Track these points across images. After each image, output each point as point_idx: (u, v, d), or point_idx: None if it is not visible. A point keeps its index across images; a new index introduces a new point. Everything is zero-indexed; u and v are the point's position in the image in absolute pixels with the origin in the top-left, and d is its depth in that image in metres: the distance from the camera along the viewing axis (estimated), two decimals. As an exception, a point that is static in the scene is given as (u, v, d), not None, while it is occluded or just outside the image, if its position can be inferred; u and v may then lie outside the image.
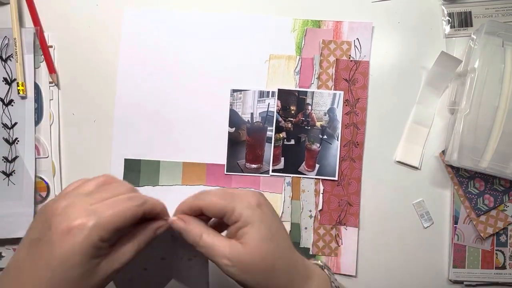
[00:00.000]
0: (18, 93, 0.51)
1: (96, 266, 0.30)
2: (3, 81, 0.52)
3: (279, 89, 0.53)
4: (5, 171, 0.51)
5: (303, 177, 0.53)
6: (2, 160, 0.51)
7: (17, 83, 0.51)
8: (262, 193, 0.39)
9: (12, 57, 0.52)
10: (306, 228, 0.52)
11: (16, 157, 0.51)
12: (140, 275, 0.41)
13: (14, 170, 0.51)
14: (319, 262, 0.41)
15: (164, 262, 0.41)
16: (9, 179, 0.51)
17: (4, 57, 0.52)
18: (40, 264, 0.29)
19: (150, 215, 0.34)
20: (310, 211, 0.52)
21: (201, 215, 0.36)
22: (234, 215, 0.35)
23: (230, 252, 0.34)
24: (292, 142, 0.53)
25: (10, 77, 0.52)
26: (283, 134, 0.53)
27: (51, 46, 0.53)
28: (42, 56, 0.52)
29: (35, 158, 0.51)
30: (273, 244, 0.35)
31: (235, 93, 0.53)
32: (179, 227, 0.35)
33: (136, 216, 0.32)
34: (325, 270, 0.39)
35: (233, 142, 0.53)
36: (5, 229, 0.50)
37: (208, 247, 0.35)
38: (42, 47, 0.52)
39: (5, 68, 0.52)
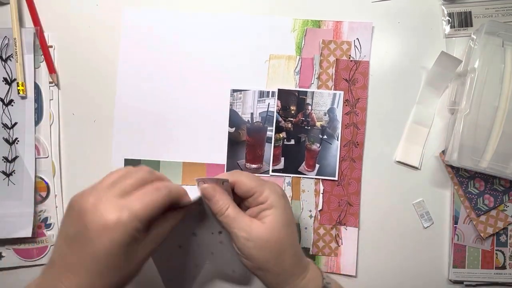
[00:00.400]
0: (18, 93, 0.51)
1: (135, 251, 0.34)
2: (3, 81, 0.52)
3: (279, 89, 0.53)
4: (5, 171, 0.51)
5: (303, 177, 0.53)
6: (2, 160, 0.51)
7: (17, 83, 0.51)
8: (280, 186, 0.43)
9: (12, 57, 0.52)
10: (306, 228, 0.52)
11: (16, 157, 0.51)
12: (177, 253, 0.45)
13: (14, 170, 0.51)
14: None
15: (196, 238, 0.45)
16: (9, 179, 0.51)
17: (4, 57, 0.52)
18: (85, 258, 0.32)
19: (175, 200, 0.37)
20: (310, 211, 0.52)
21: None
22: (262, 197, 0.40)
23: (251, 227, 0.38)
24: (292, 142, 0.53)
25: (10, 77, 0.52)
26: (283, 134, 0.53)
27: (51, 46, 0.53)
28: (42, 56, 0.52)
29: (35, 158, 0.51)
30: (288, 230, 0.40)
31: (235, 93, 0.53)
32: (209, 194, 0.40)
33: (164, 205, 0.35)
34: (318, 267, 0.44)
35: (233, 142, 0.53)
36: (5, 229, 0.50)
37: (232, 218, 0.39)
38: (42, 47, 0.52)
39: (5, 68, 0.52)
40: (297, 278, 0.40)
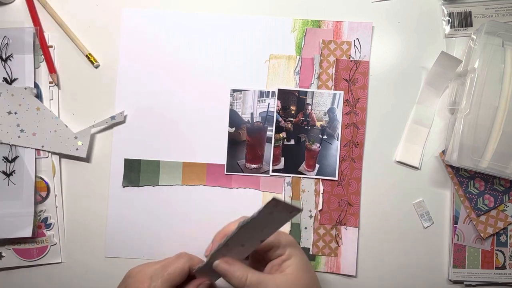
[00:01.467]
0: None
1: None
2: (3, 81, 0.52)
3: (279, 89, 0.53)
4: (5, 171, 0.51)
5: (303, 177, 0.53)
6: (3, 160, 0.51)
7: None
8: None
9: (12, 57, 0.52)
10: (306, 228, 0.52)
11: (16, 157, 0.51)
12: None
13: (14, 170, 0.51)
14: None
15: None
16: (9, 179, 0.51)
17: (4, 57, 0.52)
18: None
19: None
20: (310, 211, 0.52)
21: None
22: (280, 249, 0.41)
23: (278, 284, 0.39)
24: (292, 142, 0.53)
25: (10, 77, 0.52)
26: (283, 134, 0.53)
27: (51, 46, 0.53)
28: (42, 56, 0.52)
29: (35, 158, 0.51)
30: (310, 274, 0.42)
31: (235, 93, 0.53)
32: (224, 270, 0.40)
33: (184, 270, 0.41)
34: None
35: (233, 142, 0.53)
36: (5, 229, 0.50)
37: (256, 284, 0.39)
38: (42, 47, 0.52)
39: (5, 68, 0.52)
40: None
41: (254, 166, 0.53)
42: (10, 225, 0.50)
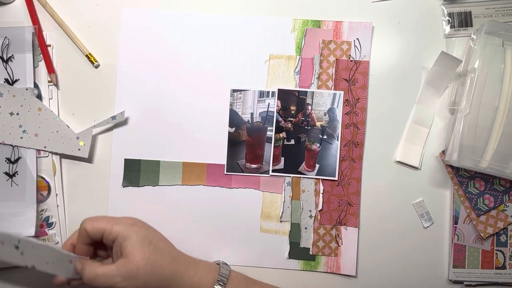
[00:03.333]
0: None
1: None
2: (4, 81, 0.52)
3: (279, 89, 0.53)
4: (8, 172, 0.51)
5: (303, 177, 0.53)
6: (5, 161, 0.51)
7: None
8: (140, 219, 0.46)
9: (13, 57, 0.52)
10: (306, 228, 0.52)
11: (18, 158, 0.51)
12: None
13: (17, 171, 0.51)
14: (219, 261, 0.48)
15: None
16: (12, 180, 0.51)
17: (5, 58, 0.52)
18: None
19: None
20: (310, 211, 0.52)
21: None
22: (112, 233, 0.42)
23: (118, 269, 0.40)
24: (292, 142, 0.53)
25: (12, 78, 0.52)
26: (283, 134, 0.53)
27: (49, 45, 0.53)
28: (41, 56, 0.52)
29: (36, 158, 0.52)
30: (151, 246, 0.42)
31: (235, 93, 0.53)
32: (78, 270, 0.42)
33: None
34: (220, 264, 0.46)
35: (233, 142, 0.53)
36: (9, 229, 0.50)
37: (100, 276, 0.40)
38: (41, 46, 0.52)
39: (6, 69, 0.52)
40: (188, 274, 0.43)
41: (254, 166, 0.53)
42: (14, 225, 0.51)
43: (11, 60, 0.52)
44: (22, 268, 0.51)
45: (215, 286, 0.43)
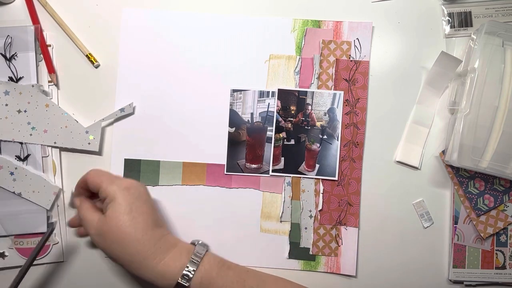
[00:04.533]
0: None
1: None
2: (9, 79, 0.52)
3: (279, 89, 0.53)
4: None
5: (303, 177, 0.53)
6: (15, 158, 0.51)
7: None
8: (142, 184, 0.46)
9: (16, 55, 0.52)
10: (306, 228, 0.52)
11: (28, 155, 0.51)
12: None
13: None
14: (198, 241, 0.47)
15: None
16: None
17: (8, 56, 0.52)
18: None
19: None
20: (310, 211, 0.53)
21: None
22: (104, 191, 0.44)
23: (96, 222, 0.43)
24: (292, 142, 0.53)
25: (16, 75, 0.52)
26: (283, 134, 0.53)
27: (49, 45, 0.53)
28: (41, 55, 0.52)
29: (42, 157, 0.52)
30: (129, 216, 0.42)
31: (235, 93, 0.53)
32: (76, 206, 0.47)
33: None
34: (197, 245, 0.45)
35: (233, 142, 0.53)
36: (22, 226, 0.51)
37: (84, 220, 0.44)
38: (41, 46, 0.52)
39: (9, 67, 0.52)
40: (153, 260, 0.42)
41: (254, 166, 0.53)
42: (27, 222, 0.51)
43: (14, 58, 0.52)
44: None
45: (183, 272, 0.41)
